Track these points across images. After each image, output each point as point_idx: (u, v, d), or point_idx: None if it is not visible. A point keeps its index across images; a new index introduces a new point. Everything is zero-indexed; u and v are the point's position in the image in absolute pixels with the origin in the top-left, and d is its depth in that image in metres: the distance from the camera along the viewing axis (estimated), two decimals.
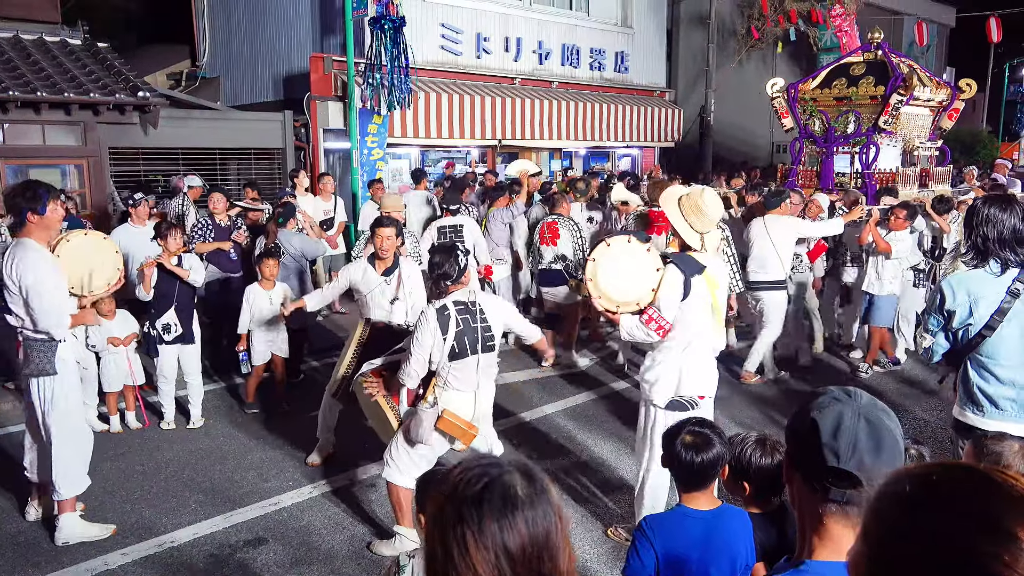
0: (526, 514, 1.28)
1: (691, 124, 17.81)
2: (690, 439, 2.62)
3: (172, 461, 5.66)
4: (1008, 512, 0.87)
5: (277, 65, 13.92)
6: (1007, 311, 3.36)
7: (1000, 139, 28.87)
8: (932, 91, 10.58)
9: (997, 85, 31.10)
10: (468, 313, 4.11)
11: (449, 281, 4.11)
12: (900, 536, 0.93)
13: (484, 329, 4.15)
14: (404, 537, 4.32)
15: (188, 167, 11.19)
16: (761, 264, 7.02)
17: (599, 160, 17.06)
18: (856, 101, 10.28)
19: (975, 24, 22.08)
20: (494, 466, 1.33)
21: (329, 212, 9.62)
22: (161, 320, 6.11)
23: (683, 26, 18.92)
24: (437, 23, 13.39)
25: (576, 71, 15.66)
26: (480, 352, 4.14)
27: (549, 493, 1.33)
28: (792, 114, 10.85)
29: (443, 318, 4.03)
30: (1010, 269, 3.39)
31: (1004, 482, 0.91)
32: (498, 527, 1.25)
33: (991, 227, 3.40)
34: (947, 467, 0.99)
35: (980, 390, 3.48)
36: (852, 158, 10.37)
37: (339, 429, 5.61)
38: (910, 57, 12.30)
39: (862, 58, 10.72)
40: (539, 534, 1.28)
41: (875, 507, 1.00)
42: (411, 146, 13.47)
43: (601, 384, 7.40)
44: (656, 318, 4.02)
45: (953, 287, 3.47)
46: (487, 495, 1.28)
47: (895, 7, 23.09)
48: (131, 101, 9.98)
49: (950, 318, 3.46)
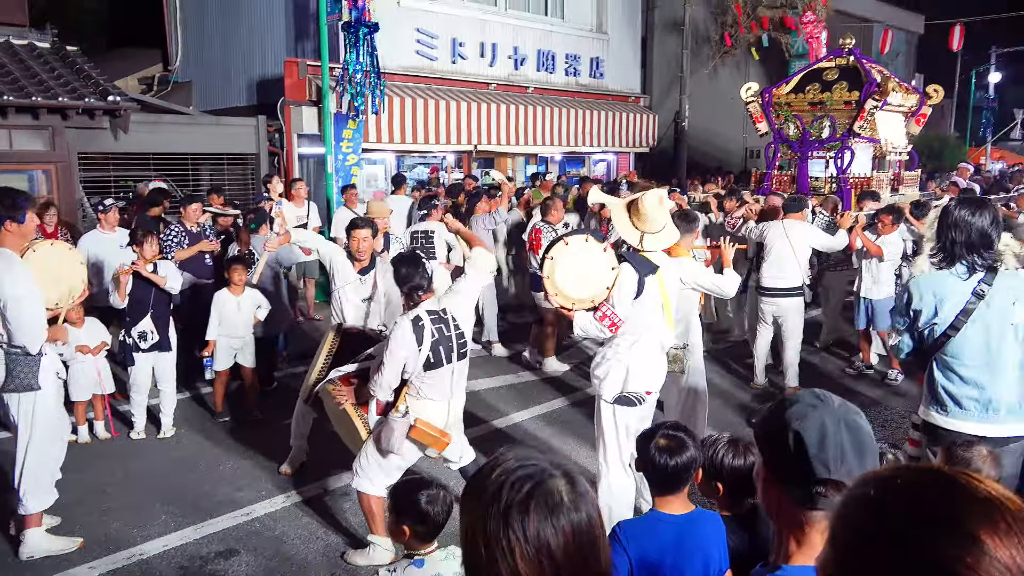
0: (571, 517, 1.27)
1: (665, 129, 17.91)
2: (664, 443, 2.62)
3: (142, 472, 5.57)
4: (971, 514, 0.88)
5: (251, 70, 13.81)
6: (971, 312, 3.39)
7: (968, 144, 29.40)
8: (903, 96, 10.74)
9: (964, 91, 31.63)
10: (442, 322, 4.08)
11: (422, 292, 4.10)
12: (866, 540, 0.93)
13: (458, 336, 4.13)
14: (378, 546, 4.28)
15: (160, 172, 11.06)
16: (780, 269, 6.85)
17: (574, 165, 17.12)
18: (831, 106, 10.37)
19: (943, 31, 22.47)
20: (535, 468, 1.31)
21: (302, 218, 9.54)
22: (137, 328, 6.02)
23: (657, 33, 19.04)
24: (412, 28, 13.36)
25: (551, 77, 15.69)
26: (455, 361, 4.12)
27: (590, 495, 1.33)
28: (766, 119, 10.91)
29: (418, 329, 3.99)
30: (976, 272, 3.42)
31: (968, 484, 0.92)
32: (544, 532, 1.24)
33: (959, 230, 3.42)
34: (912, 470, 1.00)
35: (944, 390, 3.51)
36: (827, 163, 10.45)
37: (313, 438, 5.55)
38: (880, 63, 12.44)
39: (834, 63, 10.82)
40: (583, 537, 1.27)
41: (842, 511, 1.00)
42: (386, 151, 13.41)
43: (575, 389, 7.40)
44: (609, 315, 4.17)
45: (920, 287, 3.50)
46: (533, 500, 1.26)
47: (865, 14, 23.41)
48: (101, 105, 9.83)
49: (916, 318, 3.49)
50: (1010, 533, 0.87)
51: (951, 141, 26.55)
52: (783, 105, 10.81)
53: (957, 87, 31.08)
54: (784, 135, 10.81)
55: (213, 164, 11.90)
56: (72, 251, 5.18)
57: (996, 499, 0.90)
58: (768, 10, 18.13)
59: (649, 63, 18.79)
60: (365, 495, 4.26)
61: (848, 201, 9.58)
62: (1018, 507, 0.90)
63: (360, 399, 4.39)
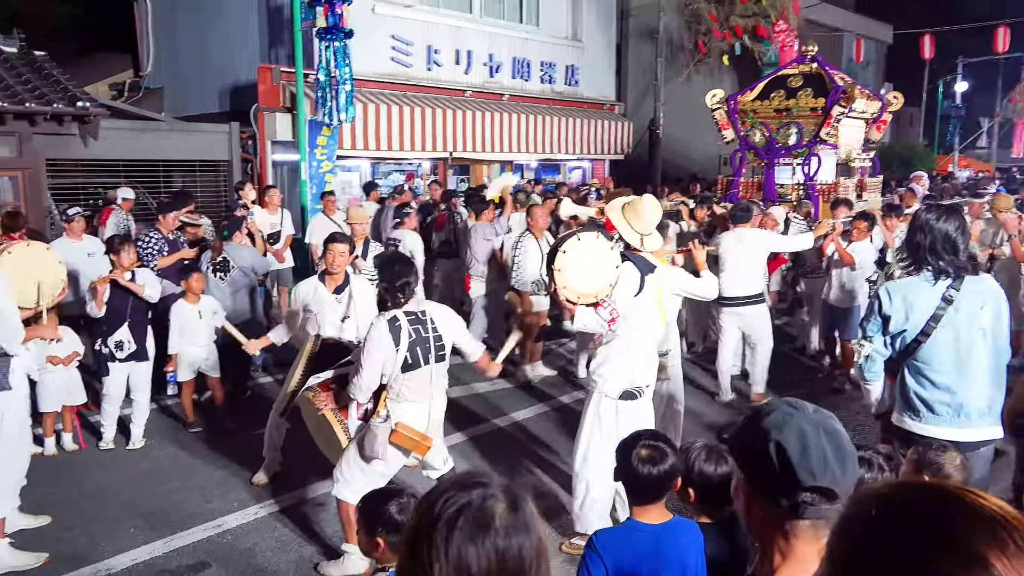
0: (498, 543, 1.24)
1: (640, 137, 18.02)
2: (645, 452, 2.60)
3: (110, 484, 5.46)
4: (976, 533, 0.84)
5: (224, 76, 13.66)
6: (941, 317, 3.41)
7: (936, 152, 29.89)
8: (866, 103, 10.82)
9: (932, 100, 32.20)
10: (419, 323, 4.06)
11: (408, 292, 4.07)
12: (867, 559, 0.90)
13: (436, 339, 4.11)
14: (352, 555, 4.23)
15: (131, 179, 10.89)
16: (739, 278, 6.80)
17: (550, 172, 17.15)
18: (797, 113, 10.40)
19: (911, 41, 22.86)
20: (479, 487, 1.29)
21: (276, 225, 9.44)
22: (114, 337, 5.91)
23: (632, 41, 19.18)
24: (387, 35, 13.33)
25: (527, 84, 15.73)
26: (433, 362, 4.10)
27: (531, 525, 1.29)
28: (732, 126, 10.88)
29: (395, 329, 3.97)
30: (944, 277, 3.43)
31: (972, 502, 0.88)
32: (465, 552, 1.22)
33: (925, 235, 3.45)
34: (914, 487, 0.96)
35: (917, 395, 3.53)
36: (793, 169, 10.47)
37: (287, 447, 5.48)
38: (841, 70, 12.42)
39: (798, 70, 10.86)
40: (510, 565, 1.24)
41: (841, 529, 0.97)
42: (361, 158, 13.36)
43: (550, 397, 7.39)
44: (610, 310, 4.31)
45: (890, 293, 3.51)
46: (461, 518, 1.24)
47: (836, 24, 23.77)
48: (70, 111, 9.69)
49: (886, 323, 3.51)
50: (1019, 554, 0.83)
51: (919, 149, 26.98)
52: (749, 112, 10.82)
53: (925, 96, 31.65)
54: (750, 142, 10.82)
55: (185, 171, 11.76)
56: (49, 251, 5.15)
57: (1002, 518, 0.86)
58: (741, 19, 18.35)
59: (624, 71, 18.92)
60: (344, 503, 4.20)
61: (816, 208, 9.61)
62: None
63: (339, 404, 4.35)
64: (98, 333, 6.02)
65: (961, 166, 28.77)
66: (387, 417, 4.04)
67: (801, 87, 10.47)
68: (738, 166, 10.99)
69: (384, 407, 4.07)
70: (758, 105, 10.76)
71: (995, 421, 3.52)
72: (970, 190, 15.00)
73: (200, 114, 13.65)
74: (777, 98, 10.59)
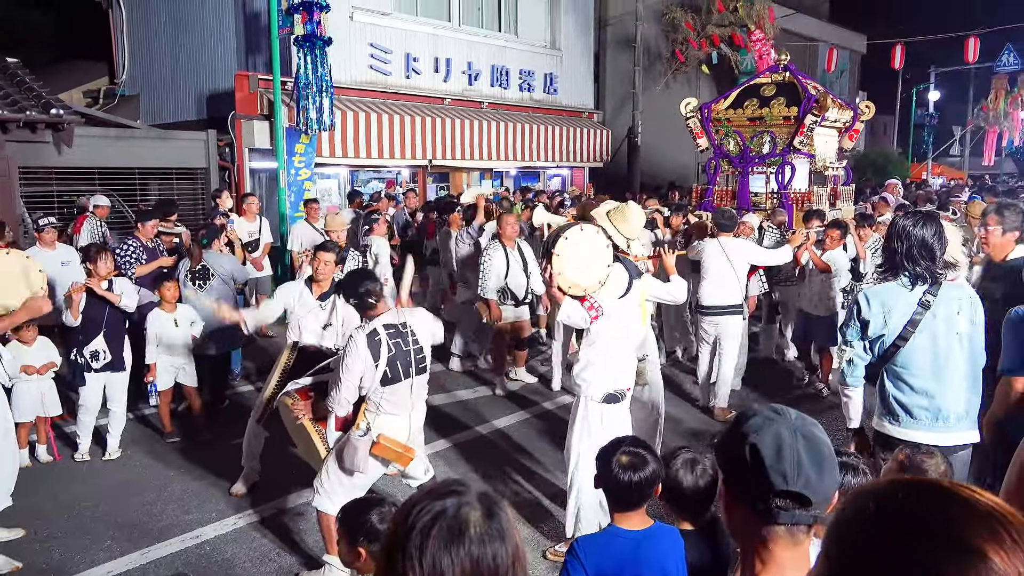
0: (472, 550, 1.24)
1: (619, 144, 18.12)
2: (626, 459, 2.60)
3: (86, 495, 5.38)
4: (973, 528, 0.85)
5: (200, 83, 13.58)
6: (918, 322, 3.44)
7: (910, 160, 30.35)
8: (838, 112, 10.85)
9: (906, 109, 32.68)
10: (399, 336, 4.04)
11: (373, 299, 4.05)
12: (865, 555, 0.90)
13: (416, 352, 4.09)
14: (333, 567, 4.19)
15: (106, 188, 10.77)
16: (720, 287, 6.79)
17: (530, 180, 17.19)
18: (770, 122, 10.40)
19: (885, 51, 23.20)
20: (454, 495, 1.30)
21: (254, 233, 9.39)
22: (89, 347, 5.83)
23: (610, 49, 19.32)
24: (366, 43, 13.31)
25: (506, 92, 15.77)
26: (414, 375, 4.08)
27: (507, 533, 1.30)
28: (706, 134, 10.87)
29: (374, 344, 3.94)
30: (920, 283, 3.47)
31: (969, 498, 0.89)
32: (439, 559, 1.23)
33: (901, 241, 3.48)
34: (910, 483, 0.97)
35: (896, 400, 3.56)
36: (767, 178, 10.48)
37: (265, 456, 5.42)
38: (814, 79, 12.42)
39: (771, 79, 10.89)
40: (484, 573, 1.24)
41: (838, 527, 0.97)
42: (339, 166, 13.31)
43: (532, 404, 7.38)
44: (596, 306, 4.38)
45: (868, 298, 3.55)
46: (436, 526, 1.25)
47: (811, 34, 24.06)
48: (43, 119, 9.56)
49: (865, 328, 3.54)
50: (1016, 548, 0.84)
51: (894, 157, 27.40)
52: (723, 120, 10.80)
53: (899, 105, 32.13)
54: (724, 150, 10.80)
55: (162, 179, 11.64)
56: (29, 259, 5.06)
57: (999, 513, 0.87)
58: (718, 28, 18.53)
59: (602, 79, 19.05)
60: (325, 514, 4.16)
61: (791, 217, 9.59)
62: (1020, 521, 0.87)
63: (317, 414, 4.31)
64: (73, 343, 5.93)
65: (934, 174, 29.24)
66: (367, 430, 4.01)
67: (774, 96, 10.50)
68: (712, 174, 10.98)
69: (364, 419, 4.05)
70: (732, 114, 10.77)
71: (972, 425, 3.56)
72: (942, 198, 15.15)
73: (177, 121, 13.56)
74: (751, 107, 10.62)
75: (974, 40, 21.66)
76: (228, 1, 12.90)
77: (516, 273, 7.48)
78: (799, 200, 10.16)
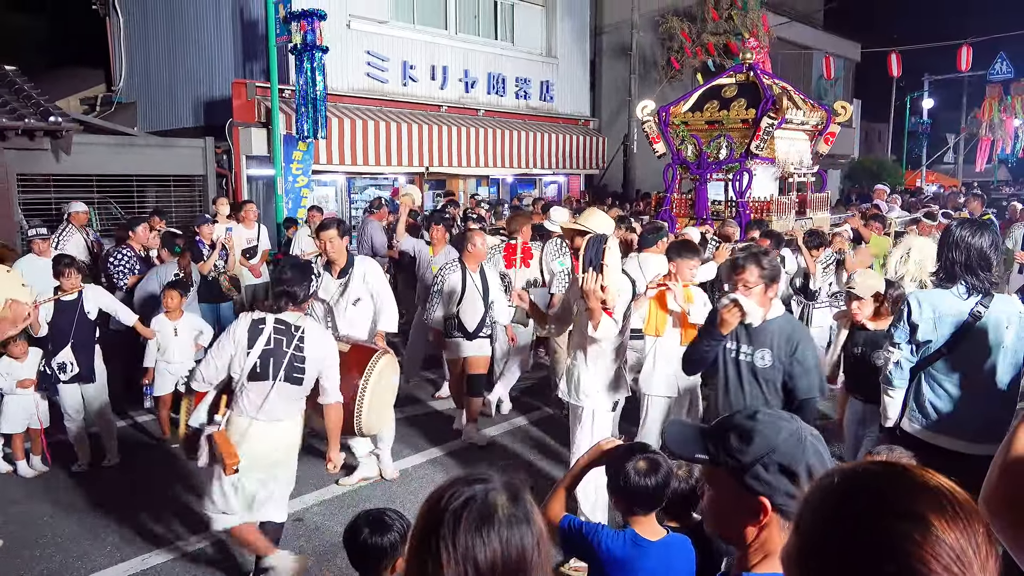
0: (502, 533, 1.31)
1: (615, 152, 18.19)
2: (644, 465, 2.55)
3: (85, 502, 5.37)
4: (920, 499, 0.99)
5: (198, 90, 13.62)
6: (967, 332, 3.47)
7: (904, 167, 30.50)
8: (806, 114, 10.22)
9: (900, 117, 32.85)
10: (285, 335, 3.86)
11: (291, 302, 3.93)
12: (830, 522, 1.02)
13: (296, 358, 3.86)
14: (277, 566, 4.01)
15: (104, 195, 10.80)
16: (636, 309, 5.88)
17: (526, 187, 17.25)
18: (728, 125, 9.87)
19: (879, 59, 23.33)
20: (480, 482, 1.37)
21: (252, 240, 9.40)
22: (57, 358, 5.76)
23: (606, 57, 19.40)
24: (362, 50, 13.36)
25: (502, 99, 15.84)
26: (281, 380, 3.84)
27: (533, 517, 1.37)
28: (664, 138, 10.35)
29: (255, 330, 3.83)
30: (974, 293, 3.49)
31: (920, 476, 1.04)
32: (472, 542, 1.29)
33: (960, 251, 3.50)
34: (873, 464, 1.15)
35: (932, 405, 3.58)
36: (726, 185, 10.00)
37: None
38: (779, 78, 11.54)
39: (734, 80, 10.37)
40: (513, 555, 1.31)
41: (807, 500, 1.09)
42: (337, 173, 13.35)
43: (534, 408, 7.40)
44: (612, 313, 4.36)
45: (920, 301, 3.57)
46: (466, 510, 1.32)
47: (805, 42, 24.18)
48: (41, 126, 9.58)
49: (914, 331, 3.55)
50: (956, 519, 0.97)
51: (888, 164, 27.52)
52: (679, 124, 10.25)
53: (893, 112, 32.29)
54: (682, 156, 10.26)
55: (159, 186, 11.66)
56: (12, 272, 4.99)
57: (945, 489, 1.01)
58: (713, 36, 18.61)
59: (598, 87, 19.12)
60: (232, 530, 3.99)
61: (743, 228, 8.85)
62: (964, 498, 1.01)
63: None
64: (45, 353, 5.85)
65: (928, 181, 29.38)
66: (212, 422, 3.88)
67: (735, 97, 9.97)
68: (670, 182, 10.50)
69: (222, 413, 3.91)
70: (689, 117, 10.23)
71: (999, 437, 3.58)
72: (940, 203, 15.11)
73: (174, 129, 13.58)
74: (710, 109, 10.08)
75: (967, 48, 21.81)
76: (225, 9, 12.97)
77: (473, 300, 6.31)
78: (759, 209, 9.58)
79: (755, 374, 3.65)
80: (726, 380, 3.77)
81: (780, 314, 3.71)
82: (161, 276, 6.95)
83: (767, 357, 3.61)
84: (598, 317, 4.17)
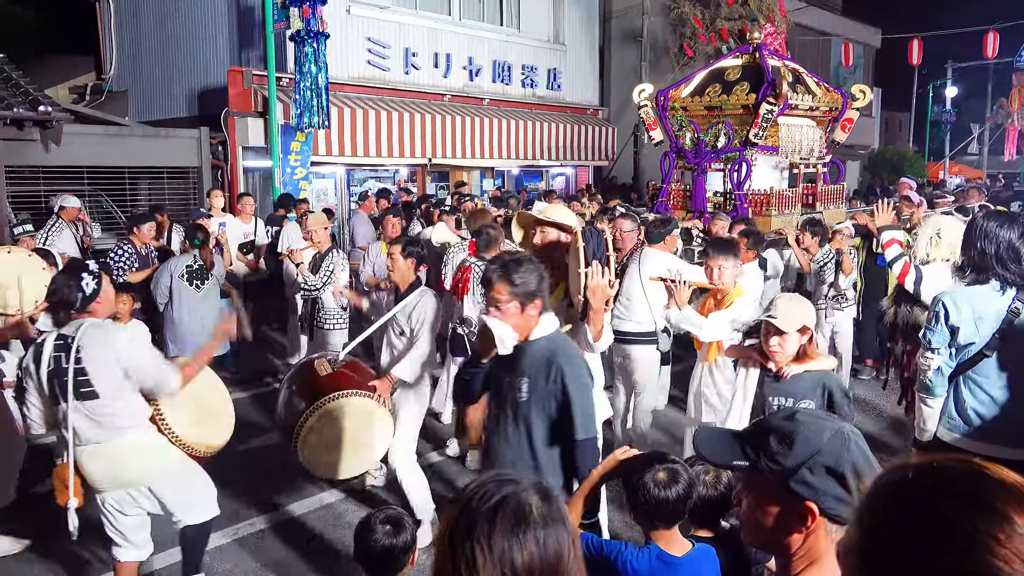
0: (538, 533, 1.29)
1: (625, 142, 17.71)
2: (664, 476, 2.38)
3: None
4: (1001, 495, 0.96)
5: (192, 79, 13.29)
6: (1007, 331, 3.30)
7: (926, 159, 29.74)
8: (816, 99, 9.47)
9: (922, 105, 32.10)
10: (64, 350, 3.32)
11: (70, 310, 3.38)
12: (900, 518, 1.00)
13: (77, 372, 3.31)
14: None
15: (94, 186, 10.56)
16: (626, 308, 5.38)
17: (532, 179, 16.85)
18: (727, 111, 9.15)
19: (900, 46, 22.71)
20: (510, 483, 1.35)
21: (249, 234, 9.12)
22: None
23: (615, 44, 18.90)
24: (363, 37, 13.02)
25: (508, 88, 15.44)
26: (74, 399, 3.32)
27: (564, 515, 1.36)
28: (662, 125, 9.67)
29: (36, 353, 3.37)
30: (1008, 288, 3.33)
31: (996, 472, 1.00)
32: (508, 544, 1.27)
33: (990, 242, 3.34)
34: (944, 458, 1.06)
35: (974, 410, 3.40)
36: (724, 176, 9.25)
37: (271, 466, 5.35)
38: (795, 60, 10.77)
39: (740, 61, 9.65)
40: (550, 555, 1.29)
41: (875, 496, 1.06)
42: (336, 165, 13.02)
43: None
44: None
45: (956, 302, 3.36)
46: (500, 511, 1.29)
47: (823, 28, 23.59)
48: (31, 116, 9.35)
49: (954, 335, 3.37)
50: None
51: (910, 156, 26.81)
52: (678, 109, 9.42)
53: (915, 101, 31.54)
54: (680, 144, 9.44)
55: (152, 178, 11.42)
56: (32, 257, 5.00)
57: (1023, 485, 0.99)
58: (727, 22, 18.08)
59: (607, 75, 18.62)
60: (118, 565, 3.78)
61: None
62: None
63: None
64: None
65: (952, 173, 28.65)
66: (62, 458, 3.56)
67: (738, 81, 9.23)
68: (667, 171, 9.77)
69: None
70: (689, 102, 9.47)
71: None
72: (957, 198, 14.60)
73: (167, 118, 13.31)
74: (711, 94, 9.32)
75: (993, 35, 21.13)
76: None
77: None
78: (759, 202, 8.83)
79: (516, 411, 2.98)
80: (495, 419, 3.10)
81: (546, 333, 3.00)
82: (172, 268, 6.83)
83: (523, 389, 2.94)
84: (600, 323, 3.37)
